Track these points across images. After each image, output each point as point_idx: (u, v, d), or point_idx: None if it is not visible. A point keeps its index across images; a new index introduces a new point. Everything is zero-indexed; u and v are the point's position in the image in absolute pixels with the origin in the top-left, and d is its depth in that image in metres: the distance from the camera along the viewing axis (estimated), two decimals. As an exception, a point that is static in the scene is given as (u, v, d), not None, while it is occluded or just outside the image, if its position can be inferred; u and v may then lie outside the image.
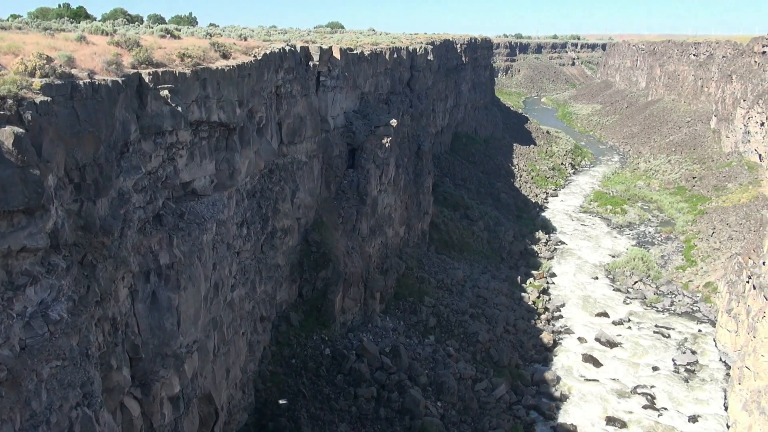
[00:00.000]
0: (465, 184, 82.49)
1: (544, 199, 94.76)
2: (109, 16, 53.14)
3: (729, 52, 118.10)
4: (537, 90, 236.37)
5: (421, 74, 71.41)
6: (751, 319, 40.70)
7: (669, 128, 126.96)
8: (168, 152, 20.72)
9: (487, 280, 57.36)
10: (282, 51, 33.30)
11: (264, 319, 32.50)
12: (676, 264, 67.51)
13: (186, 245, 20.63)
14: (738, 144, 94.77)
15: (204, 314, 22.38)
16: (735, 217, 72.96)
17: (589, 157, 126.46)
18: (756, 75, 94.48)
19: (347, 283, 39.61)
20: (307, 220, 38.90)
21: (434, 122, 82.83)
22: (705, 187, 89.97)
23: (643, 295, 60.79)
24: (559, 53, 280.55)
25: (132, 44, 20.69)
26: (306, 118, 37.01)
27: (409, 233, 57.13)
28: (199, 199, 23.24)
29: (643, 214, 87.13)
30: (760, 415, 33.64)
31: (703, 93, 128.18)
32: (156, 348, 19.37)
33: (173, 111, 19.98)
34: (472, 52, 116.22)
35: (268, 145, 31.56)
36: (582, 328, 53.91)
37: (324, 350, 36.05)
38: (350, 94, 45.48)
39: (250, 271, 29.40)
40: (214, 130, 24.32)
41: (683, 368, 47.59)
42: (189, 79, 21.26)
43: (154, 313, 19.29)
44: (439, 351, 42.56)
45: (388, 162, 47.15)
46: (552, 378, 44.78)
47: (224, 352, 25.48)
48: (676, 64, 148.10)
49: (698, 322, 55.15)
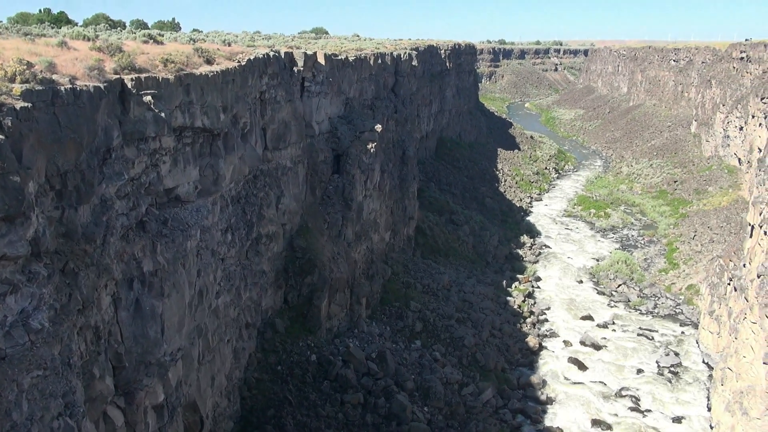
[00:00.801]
0: (450, 189, 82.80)
1: (529, 203, 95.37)
2: (90, 21, 52.68)
3: (708, 57, 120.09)
4: (520, 95, 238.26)
5: (406, 80, 71.66)
6: (732, 320, 41.21)
7: (650, 133, 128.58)
8: (151, 158, 20.55)
9: (473, 285, 57.52)
10: (266, 56, 33.22)
11: (249, 325, 32.28)
12: (658, 267, 68.24)
13: (170, 252, 20.44)
14: (718, 148, 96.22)
15: (188, 322, 22.17)
16: (716, 220, 73.99)
17: (572, 161, 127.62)
18: (734, 80, 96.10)
19: (333, 289, 39.49)
20: (292, 225, 38.75)
21: (419, 127, 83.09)
22: (686, 190, 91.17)
23: (627, 298, 61.33)
24: (542, 59, 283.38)
25: (114, 50, 20.52)
26: (291, 123, 36.93)
27: (395, 238, 57.16)
28: (183, 205, 23.06)
29: (626, 218, 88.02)
30: (742, 416, 34.03)
31: (683, 98, 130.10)
32: (139, 356, 19.14)
33: (156, 117, 19.84)
34: (456, 57, 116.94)
35: (253, 151, 31.43)
36: (567, 331, 54.23)
37: (310, 356, 35.88)
38: (335, 100, 45.48)
39: (234, 277, 29.20)
40: (198, 135, 24.17)
41: (667, 370, 48.04)
42: (172, 84, 21.12)
43: (137, 321, 19.07)
44: (425, 356, 42.55)
45: (374, 167, 47.19)
46: (538, 381, 44.96)
47: (209, 359, 25.26)
48: (657, 69, 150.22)
49: (681, 325, 55.75)
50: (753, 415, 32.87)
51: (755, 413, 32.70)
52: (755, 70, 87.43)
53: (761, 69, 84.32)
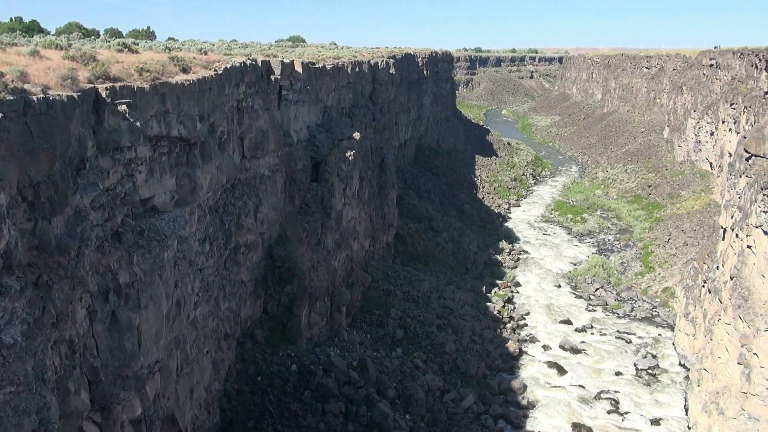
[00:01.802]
0: (429, 196, 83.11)
1: (507, 209, 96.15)
2: (63, 30, 51.89)
3: (679, 65, 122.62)
4: (497, 102, 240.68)
5: (384, 87, 71.91)
6: (707, 322, 41.92)
7: (625, 138, 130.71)
8: (127, 168, 20.28)
9: (453, 291, 57.70)
10: (243, 65, 33.08)
11: (228, 336, 31.94)
12: (635, 270, 69.23)
13: (146, 263, 20.16)
14: (690, 153, 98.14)
15: (166, 333, 21.86)
16: (689, 223, 75.36)
17: (549, 167, 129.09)
18: (705, 87, 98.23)
19: (313, 298, 39.29)
20: (271, 234, 38.51)
21: (397, 135, 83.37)
22: (660, 195, 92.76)
23: (605, 301, 62.07)
24: (518, 66, 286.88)
25: (88, 58, 20.26)
26: (268, 132, 36.77)
27: (375, 246, 57.13)
28: (160, 215, 22.78)
29: (603, 223, 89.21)
30: (719, 416, 34.57)
31: (655, 104, 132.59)
32: (116, 370, 18.81)
33: (131, 126, 19.60)
34: (434, 65, 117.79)
35: (231, 160, 31.21)
36: (546, 335, 54.66)
37: (290, 366, 35.59)
38: (313, 108, 45.42)
39: (213, 287, 28.89)
40: (175, 145, 23.93)
41: (645, 372, 48.65)
42: (148, 93, 20.90)
43: (113, 334, 18.75)
44: (406, 363, 42.50)
45: (352, 175, 47.18)
46: (518, 386, 45.18)
47: (187, 371, 24.91)
48: (630, 76, 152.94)
49: (658, 327, 56.57)
50: (729, 414, 33.42)
51: (731, 413, 33.25)
52: (724, 77, 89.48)
53: (730, 76, 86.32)
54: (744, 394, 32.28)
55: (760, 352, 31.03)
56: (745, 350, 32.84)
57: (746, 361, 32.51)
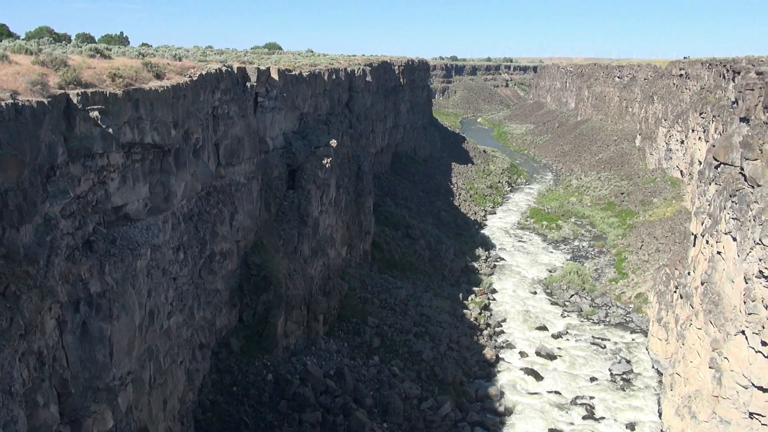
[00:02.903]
0: (406, 204, 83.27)
1: (483, 216, 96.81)
2: (33, 34, 50.89)
3: (650, 74, 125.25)
4: (473, 110, 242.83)
5: (360, 95, 72.00)
6: (679, 327, 42.63)
7: (598, 146, 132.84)
8: (98, 175, 19.91)
9: (430, 298, 57.78)
10: (218, 72, 32.83)
11: (203, 346, 31.47)
12: (609, 277, 70.17)
13: (118, 272, 19.79)
14: (661, 161, 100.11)
15: (139, 344, 21.45)
16: (661, 230, 76.73)
17: (524, 175, 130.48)
18: (675, 96, 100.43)
19: (289, 306, 38.96)
20: (247, 242, 38.14)
21: (374, 142, 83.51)
22: (633, 202, 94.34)
23: (580, 307, 62.75)
24: (493, 75, 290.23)
25: (59, 64, 19.89)
26: (244, 139, 36.50)
27: (351, 253, 56.97)
28: (133, 223, 22.39)
29: (577, 230, 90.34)
30: (691, 420, 35.11)
31: (627, 113, 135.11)
32: (87, 381, 18.38)
33: (104, 133, 19.28)
34: (410, 73, 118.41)
35: (205, 167, 30.88)
36: (523, 342, 55.01)
37: (266, 376, 35.19)
38: (289, 115, 45.24)
39: (187, 297, 28.47)
40: (148, 152, 23.59)
41: (619, 377, 49.23)
42: (120, 99, 20.59)
43: (84, 345, 18.33)
44: (383, 371, 42.35)
45: (329, 182, 47.04)
46: (496, 393, 45.34)
47: (161, 382, 24.46)
48: (602, 85, 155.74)
49: (631, 332, 57.34)
50: (701, 418, 33.97)
51: (703, 417, 33.80)
52: (693, 87, 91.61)
53: (699, 85, 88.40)
54: (715, 398, 32.86)
55: (731, 356, 31.63)
56: (716, 354, 33.46)
57: (717, 365, 33.12)
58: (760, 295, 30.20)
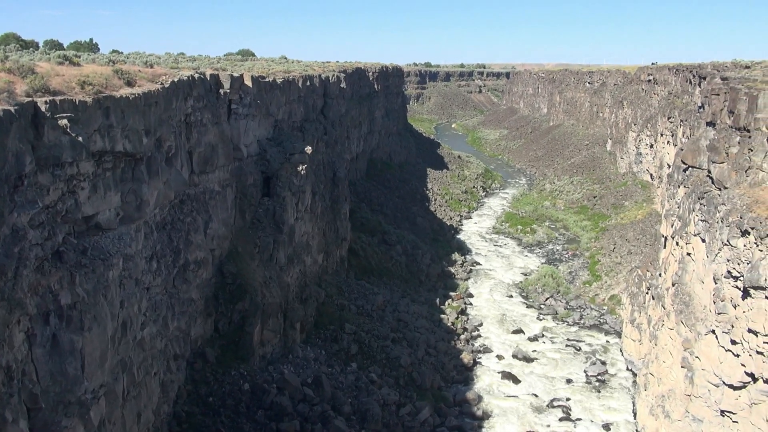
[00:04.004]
0: (382, 210, 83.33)
1: (459, 221, 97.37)
2: (-1, 41, 49.79)
3: (619, 80, 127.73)
4: (447, 116, 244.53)
5: (335, 102, 71.96)
6: (652, 327, 43.35)
7: (570, 151, 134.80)
8: (68, 185, 19.52)
9: (407, 304, 57.82)
10: (191, 78, 32.51)
11: (178, 356, 30.99)
12: (583, 279, 71.09)
13: (90, 283, 19.39)
14: (631, 165, 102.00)
15: (111, 356, 21.03)
16: (632, 232, 78.08)
17: (498, 180, 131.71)
18: (643, 101, 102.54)
19: (265, 315, 38.61)
20: (222, 251, 37.73)
21: (349, 149, 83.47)
22: (605, 205, 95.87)
23: (555, 310, 63.43)
24: (467, 81, 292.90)
25: (26, 71, 19.50)
26: (218, 146, 36.16)
27: (328, 260, 56.76)
28: (104, 233, 21.99)
29: (551, 233, 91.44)
30: (665, 419, 35.67)
31: (598, 118, 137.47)
32: (58, 396, 17.94)
33: (73, 141, 18.92)
34: (384, 80, 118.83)
35: (178, 175, 30.50)
36: (500, 345, 55.37)
37: (243, 385, 34.78)
38: (263, 122, 44.98)
39: (161, 307, 28.03)
40: (119, 160, 23.22)
41: (595, 379, 49.83)
42: (90, 107, 20.24)
43: (54, 358, 17.90)
44: (361, 378, 42.21)
45: (304, 189, 46.85)
46: (474, 397, 45.51)
47: (134, 395, 24.00)
48: (573, 91, 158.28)
49: (606, 334, 58.14)
50: (674, 417, 34.53)
51: (676, 415, 34.36)
52: (661, 92, 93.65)
53: (667, 90, 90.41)
54: (688, 397, 33.45)
55: (702, 356, 32.25)
56: (688, 354, 34.09)
57: (689, 365, 33.74)
58: (729, 295, 30.89)
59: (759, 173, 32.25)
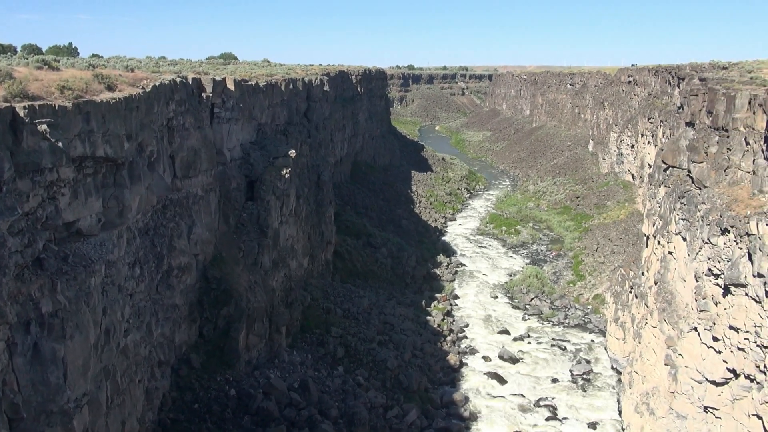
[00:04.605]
0: (366, 212, 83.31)
1: (444, 223, 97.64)
2: (-24, 46, 48.95)
3: (600, 81, 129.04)
4: (431, 118, 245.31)
5: (318, 105, 71.83)
6: (635, 326, 43.79)
7: (553, 152, 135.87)
8: (48, 191, 19.26)
9: (393, 306, 57.81)
10: (173, 82, 32.25)
11: (162, 363, 30.66)
12: (567, 279, 71.63)
13: (71, 290, 19.13)
14: (613, 165, 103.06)
15: (94, 364, 20.75)
16: (615, 232, 78.86)
17: (482, 181, 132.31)
18: (624, 102, 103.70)
19: (251, 319, 38.36)
20: (206, 256, 37.44)
21: (333, 152, 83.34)
22: (587, 205, 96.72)
23: (540, 310, 63.82)
24: (450, 83, 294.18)
25: (4, 76, 19.24)
26: (201, 150, 35.90)
27: (313, 264, 56.57)
28: (86, 239, 21.72)
29: (535, 234, 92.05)
30: (650, 416, 36.05)
31: (580, 119, 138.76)
32: (40, 405, 17.66)
33: (53, 147, 18.68)
34: (367, 82, 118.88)
35: (161, 180, 30.22)
36: (486, 346, 55.57)
37: (229, 391, 34.50)
38: (246, 126, 44.75)
39: (145, 313, 27.73)
40: (101, 165, 22.95)
41: (580, 378, 50.21)
42: (70, 112, 20.00)
43: (36, 367, 17.63)
44: (348, 381, 42.10)
45: (288, 193, 46.67)
46: (460, 399, 45.60)
47: (118, 403, 23.70)
48: (555, 93, 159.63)
49: (590, 333, 58.62)
50: (659, 414, 34.90)
51: (661, 412, 34.73)
52: (641, 93, 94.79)
53: (647, 92, 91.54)
54: (672, 394, 33.83)
55: (685, 353, 32.65)
56: (671, 351, 34.49)
57: (672, 362, 34.14)
58: (710, 293, 31.32)
59: (737, 172, 32.77)
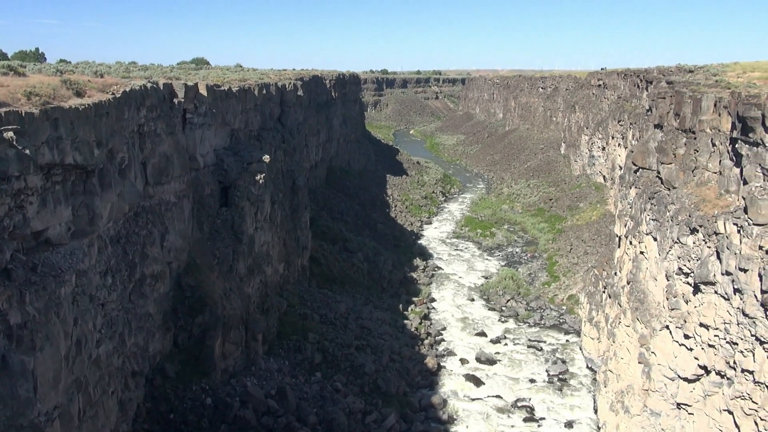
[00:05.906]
0: (342, 217, 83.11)
1: (419, 227, 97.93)
2: (-62, 52, 47.72)
3: (571, 85, 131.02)
4: (405, 123, 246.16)
5: (292, 110, 71.51)
6: (609, 325, 44.43)
7: (526, 155, 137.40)
8: (15, 199, 18.79)
9: (370, 311, 57.72)
10: (143, 88, 31.79)
11: (136, 374, 30.10)
12: (542, 280, 72.39)
13: (40, 301, 18.68)
14: (585, 167, 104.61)
15: (65, 375, 20.27)
16: (588, 233, 79.99)
17: (457, 184, 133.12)
18: (594, 105, 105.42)
19: (226, 327, 37.91)
20: (180, 263, 36.91)
21: (308, 157, 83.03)
22: (561, 207, 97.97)
23: (516, 312, 64.35)
24: (423, 88, 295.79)
25: (-33, 82, 18.71)
26: (173, 157, 35.43)
27: (289, 270, 56.20)
28: (55, 248, 21.23)
29: (510, 236, 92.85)
30: (624, 414, 36.57)
31: (552, 122, 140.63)
32: (9, 420, 17.17)
33: (20, 154, 18.23)
34: (341, 87, 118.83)
35: (132, 187, 29.73)
36: (463, 349, 55.80)
37: (205, 400, 34.02)
38: (219, 131, 44.32)
39: (117, 323, 27.20)
40: (70, 173, 22.48)
41: (556, 378, 50.72)
42: (37, 119, 19.57)
43: (4, 381, 17.14)
44: (326, 387, 41.86)
45: (263, 199, 46.31)
46: (439, 402, 45.68)
47: (91, 415, 23.18)
48: (527, 96, 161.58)
49: (565, 333, 59.29)
50: (633, 412, 35.43)
51: (635, 410, 35.27)
52: (611, 96, 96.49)
53: (616, 95, 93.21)
54: (645, 391, 34.38)
55: (658, 351, 33.23)
56: (644, 350, 35.08)
57: (646, 360, 34.71)
58: (681, 291, 31.95)
59: (705, 173, 33.54)
